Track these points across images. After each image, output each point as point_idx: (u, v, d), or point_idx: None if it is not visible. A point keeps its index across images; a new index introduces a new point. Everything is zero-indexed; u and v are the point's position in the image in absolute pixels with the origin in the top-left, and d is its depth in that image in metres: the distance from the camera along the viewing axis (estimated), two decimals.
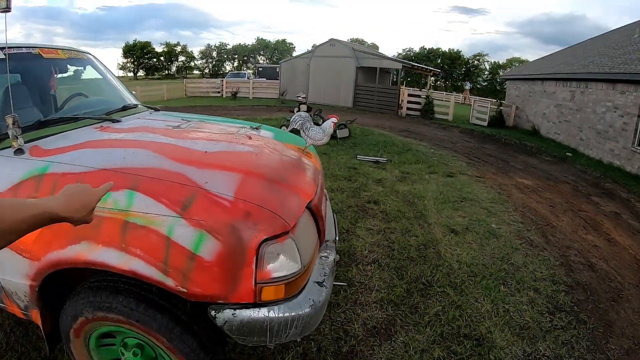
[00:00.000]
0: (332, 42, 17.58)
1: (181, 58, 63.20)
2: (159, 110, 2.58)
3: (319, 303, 1.38)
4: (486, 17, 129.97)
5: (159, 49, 61.68)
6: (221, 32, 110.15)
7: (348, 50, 17.09)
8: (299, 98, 8.31)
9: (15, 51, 1.88)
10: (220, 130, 2.10)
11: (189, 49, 63.83)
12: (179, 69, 63.03)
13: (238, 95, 19.43)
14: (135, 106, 2.47)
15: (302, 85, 17.88)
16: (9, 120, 1.45)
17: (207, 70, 63.08)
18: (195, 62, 63.91)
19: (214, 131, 2.07)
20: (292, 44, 69.08)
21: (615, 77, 7.98)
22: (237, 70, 40.46)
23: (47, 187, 1.34)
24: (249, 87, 20.13)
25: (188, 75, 62.51)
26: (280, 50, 63.95)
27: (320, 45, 18.16)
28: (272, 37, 76.53)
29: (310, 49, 20.71)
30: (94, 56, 2.60)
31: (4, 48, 1.73)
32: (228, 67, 63.30)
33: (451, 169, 6.38)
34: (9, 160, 1.46)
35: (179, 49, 62.43)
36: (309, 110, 7.59)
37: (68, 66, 2.35)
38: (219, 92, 20.21)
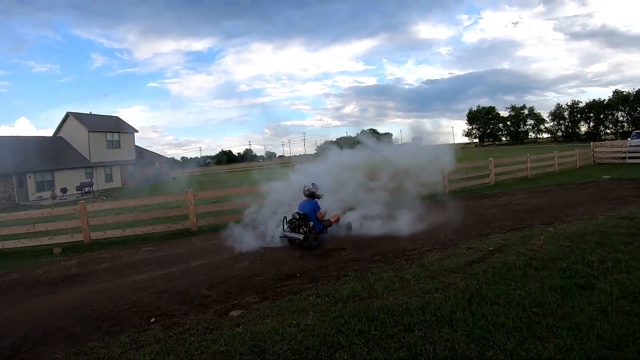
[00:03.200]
0: None
1: (529, 121, 61.48)
2: None
3: None
4: None
5: (503, 113, 62.54)
6: (546, 93, 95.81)
7: None
8: None
9: None
10: None
11: (537, 111, 61.24)
12: (526, 133, 61.65)
13: None
14: None
15: None
16: None
17: (559, 133, 57.67)
18: (545, 124, 60.17)
19: None
20: None
21: None
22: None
23: None
24: None
25: (538, 139, 60.22)
26: None
27: None
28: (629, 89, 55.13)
29: None
30: None
31: None
32: (583, 127, 55.11)
33: None
34: None
35: (525, 112, 60.99)
36: None
37: None
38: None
